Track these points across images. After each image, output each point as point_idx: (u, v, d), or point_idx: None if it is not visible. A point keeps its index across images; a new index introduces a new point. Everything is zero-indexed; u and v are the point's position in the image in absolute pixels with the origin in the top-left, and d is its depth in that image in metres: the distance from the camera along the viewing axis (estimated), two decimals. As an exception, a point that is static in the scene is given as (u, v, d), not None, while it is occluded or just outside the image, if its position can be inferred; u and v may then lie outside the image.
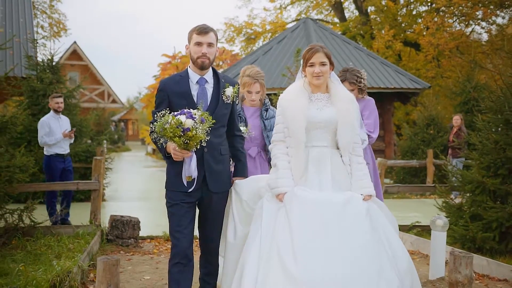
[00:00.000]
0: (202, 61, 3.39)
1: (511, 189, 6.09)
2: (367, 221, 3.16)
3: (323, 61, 3.32)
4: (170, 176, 3.45)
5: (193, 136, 3.08)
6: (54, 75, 10.65)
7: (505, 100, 6.48)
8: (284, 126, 3.37)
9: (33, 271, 4.37)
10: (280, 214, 3.22)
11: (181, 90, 3.40)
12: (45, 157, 7.62)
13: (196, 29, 3.42)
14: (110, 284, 3.90)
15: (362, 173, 3.36)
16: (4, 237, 6.07)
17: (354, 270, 2.96)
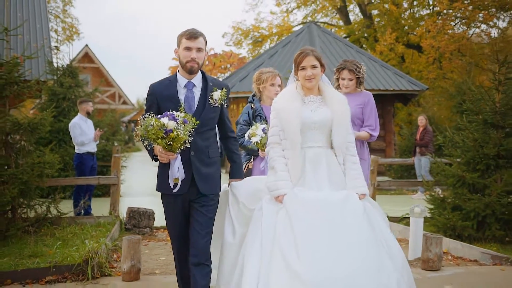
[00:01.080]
0: (191, 65, 3.42)
1: (488, 183, 6.77)
2: (365, 218, 3.23)
3: (313, 64, 3.41)
4: (160, 179, 3.49)
5: (175, 137, 3.13)
6: (73, 79, 11.46)
7: (484, 102, 7.17)
8: (279, 129, 3.44)
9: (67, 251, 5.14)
10: (280, 215, 3.27)
11: (169, 94, 3.43)
12: (77, 155, 8.40)
13: (185, 34, 3.43)
14: (133, 259, 4.68)
15: (356, 172, 3.43)
16: (35, 225, 6.81)
17: (356, 266, 3.02)
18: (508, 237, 6.55)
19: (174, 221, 3.51)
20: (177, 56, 3.53)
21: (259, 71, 4.88)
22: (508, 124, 7.00)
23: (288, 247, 3.09)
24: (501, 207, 6.51)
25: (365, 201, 3.36)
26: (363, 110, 4.80)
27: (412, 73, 23.65)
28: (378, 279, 3.02)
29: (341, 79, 4.88)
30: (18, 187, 6.44)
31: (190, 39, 3.39)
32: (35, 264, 4.93)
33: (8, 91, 6.91)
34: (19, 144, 6.90)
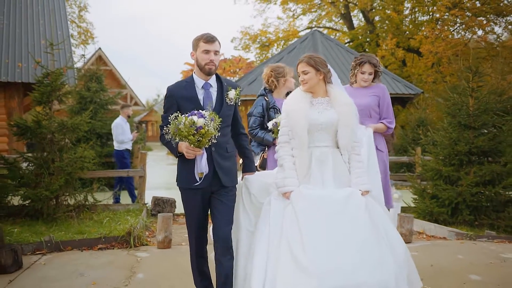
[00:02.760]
0: (210, 67, 3.55)
1: (461, 175, 7.95)
2: (366, 214, 3.36)
3: (304, 70, 3.60)
4: (182, 174, 3.61)
5: (205, 133, 3.29)
6: (99, 84, 12.73)
7: (457, 107, 8.34)
8: (288, 129, 3.59)
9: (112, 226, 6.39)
10: (287, 211, 3.42)
11: (188, 95, 3.56)
12: (118, 151, 9.93)
13: (203, 37, 3.56)
14: (166, 231, 5.90)
15: (360, 170, 3.56)
16: (76, 210, 8.05)
17: (357, 259, 3.16)
18: (476, 221, 7.71)
19: (194, 215, 3.64)
20: (193, 59, 3.66)
21: (274, 65, 5.01)
22: (479, 126, 8.18)
23: (294, 241, 3.24)
24: (471, 196, 7.70)
25: (369, 197, 3.49)
26: (380, 104, 4.77)
27: (413, 76, 24.78)
28: (378, 274, 3.15)
29: (361, 72, 4.75)
30: (64, 177, 7.68)
31: (208, 42, 3.54)
32: (89, 235, 6.19)
33: (53, 96, 8.16)
34: (62, 142, 8.13)
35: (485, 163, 8.02)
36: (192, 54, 3.65)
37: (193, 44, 3.62)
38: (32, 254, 5.55)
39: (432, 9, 23.98)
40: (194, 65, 3.67)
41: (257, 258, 3.38)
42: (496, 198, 7.70)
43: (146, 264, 5.20)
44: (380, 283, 3.13)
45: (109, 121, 12.61)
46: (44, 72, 8.22)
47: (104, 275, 4.78)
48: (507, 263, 5.16)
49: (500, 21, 23.52)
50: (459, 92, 8.55)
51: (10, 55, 16.00)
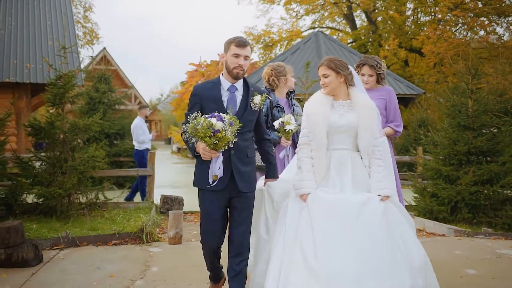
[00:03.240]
0: (238, 72, 3.56)
1: (460, 175, 8.21)
2: (383, 220, 3.30)
3: (324, 73, 3.58)
4: (198, 174, 3.62)
5: (222, 137, 3.26)
6: (107, 85, 13.03)
7: (457, 108, 8.60)
8: (308, 130, 3.59)
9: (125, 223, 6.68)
10: (303, 214, 3.43)
11: (213, 96, 3.56)
12: (137, 151, 10.25)
13: (235, 41, 3.55)
14: (177, 227, 6.18)
15: (381, 175, 3.52)
16: (87, 208, 8.34)
17: (366, 266, 3.13)
18: (475, 219, 7.98)
19: (210, 216, 3.60)
20: (223, 61, 3.63)
21: (275, 64, 5.06)
22: (478, 126, 8.44)
23: (307, 245, 3.24)
24: (470, 194, 7.97)
25: (389, 202, 3.45)
26: (387, 107, 4.76)
27: (415, 76, 25.02)
28: (388, 282, 3.11)
29: (361, 74, 4.77)
30: (77, 176, 7.97)
31: (240, 46, 3.53)
32: (103, 231, 6.48)
33: (66, 98, 8.45)
34: (75, 142, 8.42)
35: (484, 163, 8.29)
36: (222, 56, 3.62)
37: (225, 46, 3.61)
38: (50, 249, 5.84)
39: (435, 10, 24.20)
40: (223, 67, 3.64)
41: (273, 260, 3.40)
42: (494, 197, 7.97)
43: (159, 258, 5.48)
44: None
45: (117, 121, 12.93)
46: (57, 75, 8.50)
47: (120, 268, 5.07)
48: (502, 259, 5.43)
49: (501, 22, 23.72)
50: (459, 93, 8.80)
51: (18, 56, 16.30)
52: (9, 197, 7.80)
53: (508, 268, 5.07)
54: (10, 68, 15.67)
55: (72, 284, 4.58)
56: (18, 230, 5.22)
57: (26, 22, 18.58)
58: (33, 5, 19.68)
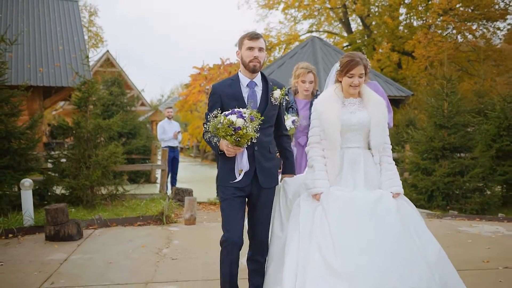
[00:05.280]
0: (254, 64, 3.51)
1: (435, 167, 9.38)
2: (397, 217, 3.30)
3: (361, 72, 3.47)
4: (223, 173, 3.58)
5: (243, 134, 3.24)
6: (120, 89, 14.19)
7: (434, 109, 9.78)
8: (320, 129, 3.52)
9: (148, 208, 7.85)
10: (317, 213, 3.38)
11: (233, 92, 3.53)
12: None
13: (247, 35, 3.55)
14: (192, 211, 7.34)
15: (391, 172, 3.50)
16: (108, 199, 9.49)
17: (387, 263, 3.10)
18: (448, 206, 9.14)
19: (231, 214, 3.54)
20: (239, 57, 3.63)
21: (297, 65, 4.99)
22: (451, 125, 9.60)
23: (325, 243, 3.21)
24: (444, 184, 9.14)
25: (400, 199, 3.45)
26: None
27: (407, 78, 26.22)
28: (408, 278, 3.10)
29: None
30: (100, 170, 9.12)
31: (252, 39, 3.52)
32: (127, 216, 7.65)
33: (90, 102, 9.61)
34: (98, 140, 9.57)
35: (456, 157, 9.46)
36: (238, 53, 3.62)
37: (239, 42, 3.62)
38: (86, 229, 6.99)
39: (426, 15, 25.39)
40: (240, 63, 3.64)
41: (288, 261, 3.34)
42: (464, 186, 9.14)
43: (179, 235, 6.65)
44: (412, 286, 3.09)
45: (129, 122, 14.07)
46: (81, 81, 9.66)
47: (148, 241, 6.23)
48: (460, 233, 6.60)
49: (489, 26, 24.91)
50: (436, 96, 9.97)
51: (32, 60, 17.40)
52: (41, 189, 8.94)
53: (462, 240, 6.24)
54: (24, 72, 16.74)
55: (112, 252, 5.74)
56: (64, 211, 6.38)
57: (38, 27, 19.49)
58: (43, 12, 20.63)
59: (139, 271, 4.98)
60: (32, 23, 19.67)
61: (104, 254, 5.61)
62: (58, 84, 16.29)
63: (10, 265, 5.18)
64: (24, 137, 8.57)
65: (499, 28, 25.01)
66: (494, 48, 24.74)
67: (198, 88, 21.98)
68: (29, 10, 20.41)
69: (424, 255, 3.25)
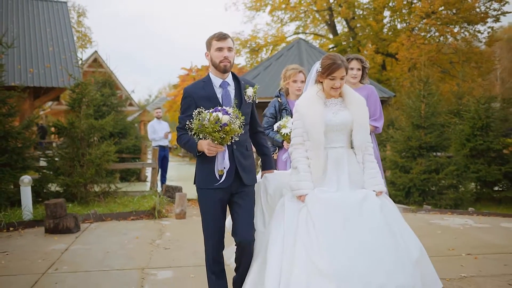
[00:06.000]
0: (225, 64, 3.52)
1: (412, 165, 9.93)
2: (382, 216, 3.31)
3: (343, 75, 3.48)
4: (203, 175, 3.54)
5: (229, 130, 3.25)
6: (110, 90, 14.57)
7: (412, 110, 10.34)
8: (303, 130, 3.51)
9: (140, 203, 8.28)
10: (302, 214, 3.36)
11: (207, 94, 3.51)
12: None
13: (215, 36, 3.54)
14: (182, 206, 7.80)
15: (374, 171, 3.52)
16: (101, 196, 9.90)
17: (374, 263, 3.12)
18: (424, 201, 9.70)
19: (212, 216, 3.54)
20: (208, 59, 3.62)
21: (286, 67, 4.95)
22: (428, 125, 10.17)
23: (310, 245, 3.21)
24: (420, 181, 9.69)
25: (383, 197, 3.47)
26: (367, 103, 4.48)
27: (391, 79, 26.90)
28: (395, 277, 3.11)
29: (350, 68, 4.77)
30: (94, 168, 9.52)
31: (221, 40, 3.52)
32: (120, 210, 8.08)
33: (83, 103, 10.01)
34: (91, 139, 9.98)
35: (432, 156, 10.02)
36: (207, 55, 3.62)
37: (206, 44, 3.62)
38: (82, 223, 7.40)
39: (409, 18, 26.07)
40: (209, 65, 3.64)
41: (271, 263, 3.32)
42: (440, 183, 9.70)
43: (170, 228, 7.10)
44: (397, 285, 3.10)
45: (119, 122, 14.46)
46: (75, 83, 10.05)
47: (142, 234, 6.67)
48: (431, 225, 7.14)
49: (470, 29, 25.65)
50: (413, 98, 10.53)
51: (22, 61, 17.67)
52: (37, 186, 9.32)
53: (432, 231, 6.77)
54: (14, 73, 17.00)
55: (108, 243, 6.17)
56: (62, 206, 6.79)
57: (27, 29, 19.67)
58: (33, 13, 20.81)
59: (135, 258, 5.42)
60: (22, 24, 19.83)
61: (102, 245, 6.04)
62: (48, 85, 16.59)
63: (15, 255, 5.59)
64: (21, 136, 8.96)
65: (479, 31, 25.76)
66: (475, 51, 25.47)
67: (187, 88, 22.39)
68: (19, 11, 20.55)
69: (407, 254, 3.28)
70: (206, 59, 3.62)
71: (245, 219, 3.56)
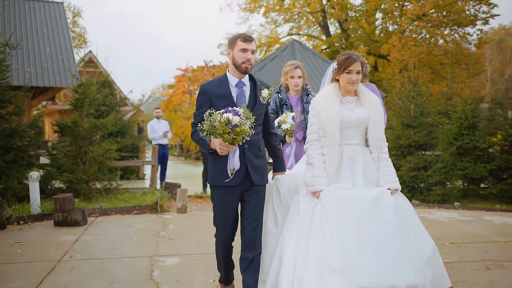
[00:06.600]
0: (246, 66, 3.57)
1: (402, 163, 10.38)
2: (396, 214, 3.32)
3: (359, 69, 3.51)
4: (215, 172, 3.61)
5: (240, 131, 3.28)
6: (110, 90, 14.93)
7: (402, 110, 10.79)
8: (318, 127, 3.53)
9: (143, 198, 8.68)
10: (316, 210, 3.40)
11: (222, 93, 3.57)
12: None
13: (241, 36, 3.58)
14: (184, 200, 8.20)
15: (389, 169, 3.55)
16: (103, 192, 10.26)
17: (386, 261, 3.15)
18: (413, 197, 10.14)
19: (225, 212, 3.62)
20: (229, 57, 3.65)
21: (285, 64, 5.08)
22: (417, 125, 10.63)
23: (323, 240, 3.23)
24: (409, 178, 10.14)
25: (397, 196, 3.49)
26: None
27: (383, 80, 27.43)
28: (406, 275, 3.15)
29: None
30: (97, 165, 9.89)
31: (246, 41, 3.56)
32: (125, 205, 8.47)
33: (86, 102, 10.37)
34: (94, 137, 10.34)
35: (421, 154, 10.48)
36: (228, 53, 3.65)
37: (230, 42, 3.65)
38: (88, 217, 7.77)
39: (400, 20, 26.60)
40: (230, 63, 3.68)
41: (286, 258, 3.39)
42: (428, 180, 10.16)
43: (173, 221, 7.49)
44: (409, 285, 3.13)
45: (118, 121, 14.81)
46: (77, 83, 10.41)
47: (146, 226, 7.06)
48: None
49: (459, 32, 26.23)
50: (403, 98, 10.99)
51: (19, 61, 17.94)
52: (42, 183, 9.66)
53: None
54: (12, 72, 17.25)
55: (116, 234, 6.56)
56: (71, 200, 7.17)
57: (24, 29, 19.87)
58: (30, 13, 21.02)
59: (142, 248, 5.82)
60: (19, 25, 20.05)
61: (109, 236, 6.43)
62: (46, 85, 16.85)
63: (29, 245, 5.97)
64: (27, 134, 9.31)
65: (469, 33, 26.33)
66: (465, 53, 26.06)
67: (182, 89, 22.78)
68: (16, 12, 20.77)
69: (419, 252, 3.31)
70: (228, 57, 3.66)
71: (252, 216, 3.63)
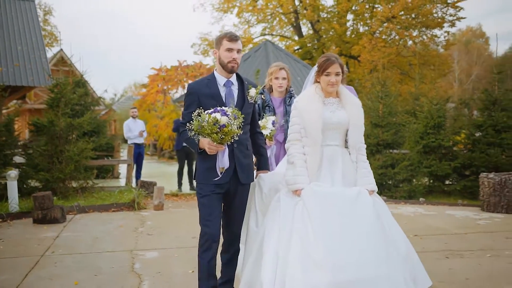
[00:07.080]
0: (233, 65, 3.57)
1: (370, 161, 10.80)
2: (374, 212, 3.41)
3: (337, 71, 3.56)
4: (203, 170, 3.62)
5: (228, 131, 3.30)
6: (84, 89, 14.98)
7: (371, 110, 11.22)
8: (300, 127, 3.59)
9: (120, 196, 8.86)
10: (298, 208, 3.44)
11: (210, 92, 3.57)
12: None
13: (227, 36, 3.58)
14: (160, 198, 8.43)
15: (367, 170, 3.64)
16: (80, 191, 10.39)
17: (367, 255, 3.23)
18: (381, 194, 10.58)
19: (210, 210, 3.60)
20: (216, 56, 3.65)
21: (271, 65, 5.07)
22: (385, 124, 11.07)
23: (306, 237, 3.29)
24: (378, 175, 10.57)
25: (374, 196, 3.57)
26: None
27: (354, 81, 28.03)
28: (386, 270, 3.23)
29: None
30: (73, 164, 10.01)
31: (232, 41, 3.56)
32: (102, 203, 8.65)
33: (62, 102, 10.48)
34: (70, 137, 10.45)
35: (388, 152, 10.94)
36: (215, 52, 3.65)
37: (216, 42, 3.66)
38: (67, 214, 7.93)
39: (371, 22, 27.24)
40: (216, 63, 3.68)
41: (267, 256, 3.42)
42: (395, 177, 10.61)
43: (150, 218, 7.72)
44: (389, 277, 3.22)
45: (93, 121, 14.86)
46: (53, 83, 10.51)
47: (125, 223, 7.27)
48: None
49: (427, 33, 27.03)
50: (372, 98, 11.42)
51: (-10, 60, 17.79)
52: (18, 182, 9.74)
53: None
54: (-17, 72, 17.08)
55: (95, 230, 6.76)
56: (50, 198, 7.33)
57: (-5, 27, 19.71)
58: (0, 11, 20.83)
59: (122, 243, 6.04)
60: (-10, 23, 19.85)
61: (90, 232, 6.63)
62: (18, 84, 16.74)
63: (11, 241, 6.13)
64: (3, 134, 9.38)
65: (436, 35, 27.14)
66: (433, 54, 26.87)
67: (156, 88, 22.85)
68: (-14, 9, 20.53)
69: (397, 249, 3.41)
70: (214, 56, 3.66)
71: (237, 216, 3.73)
